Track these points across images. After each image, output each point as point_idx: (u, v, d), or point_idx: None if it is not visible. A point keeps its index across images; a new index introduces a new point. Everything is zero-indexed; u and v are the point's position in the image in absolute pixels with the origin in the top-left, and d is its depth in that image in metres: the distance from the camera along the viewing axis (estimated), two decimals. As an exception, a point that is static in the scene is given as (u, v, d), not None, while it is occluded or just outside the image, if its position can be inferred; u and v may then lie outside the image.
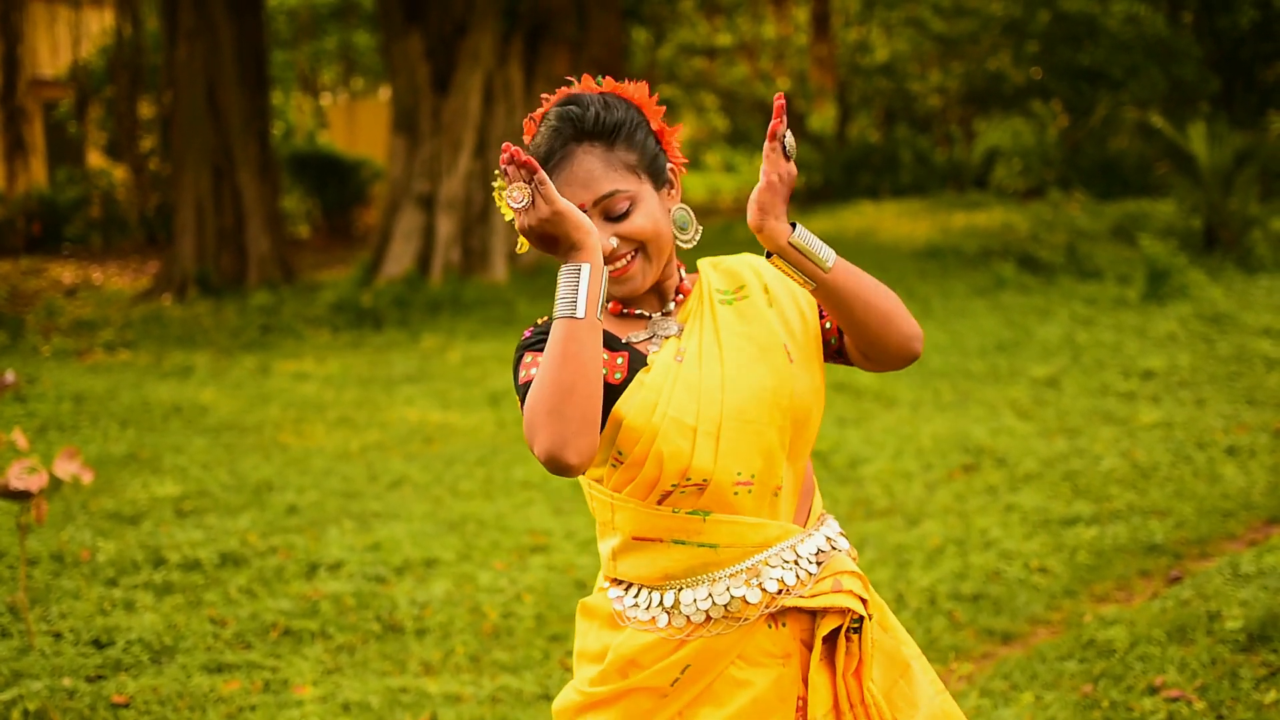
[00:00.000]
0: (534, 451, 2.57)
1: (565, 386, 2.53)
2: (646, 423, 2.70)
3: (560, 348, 2.55)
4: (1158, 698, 5.35)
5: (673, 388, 2.73)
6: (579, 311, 2.56)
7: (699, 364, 2.77)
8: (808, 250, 2.73)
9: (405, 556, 7.71)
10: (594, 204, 2.75)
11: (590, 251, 2.60)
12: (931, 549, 7.76)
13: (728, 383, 2.75)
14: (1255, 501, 8.24)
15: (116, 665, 6.15)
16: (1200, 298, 14.84)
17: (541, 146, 2.79)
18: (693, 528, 2.75)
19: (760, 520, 2.77)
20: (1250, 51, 25.03)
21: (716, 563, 2.76)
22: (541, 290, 18.64)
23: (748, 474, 2.74)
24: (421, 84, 20.22)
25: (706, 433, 2.70)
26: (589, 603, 2.97)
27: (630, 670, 2.81)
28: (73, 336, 16.57)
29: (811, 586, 2.79)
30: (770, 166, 2.71)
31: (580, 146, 2.76)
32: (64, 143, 28.28)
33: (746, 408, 2.74)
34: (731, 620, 2.76)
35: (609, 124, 2.78)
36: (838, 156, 31.10)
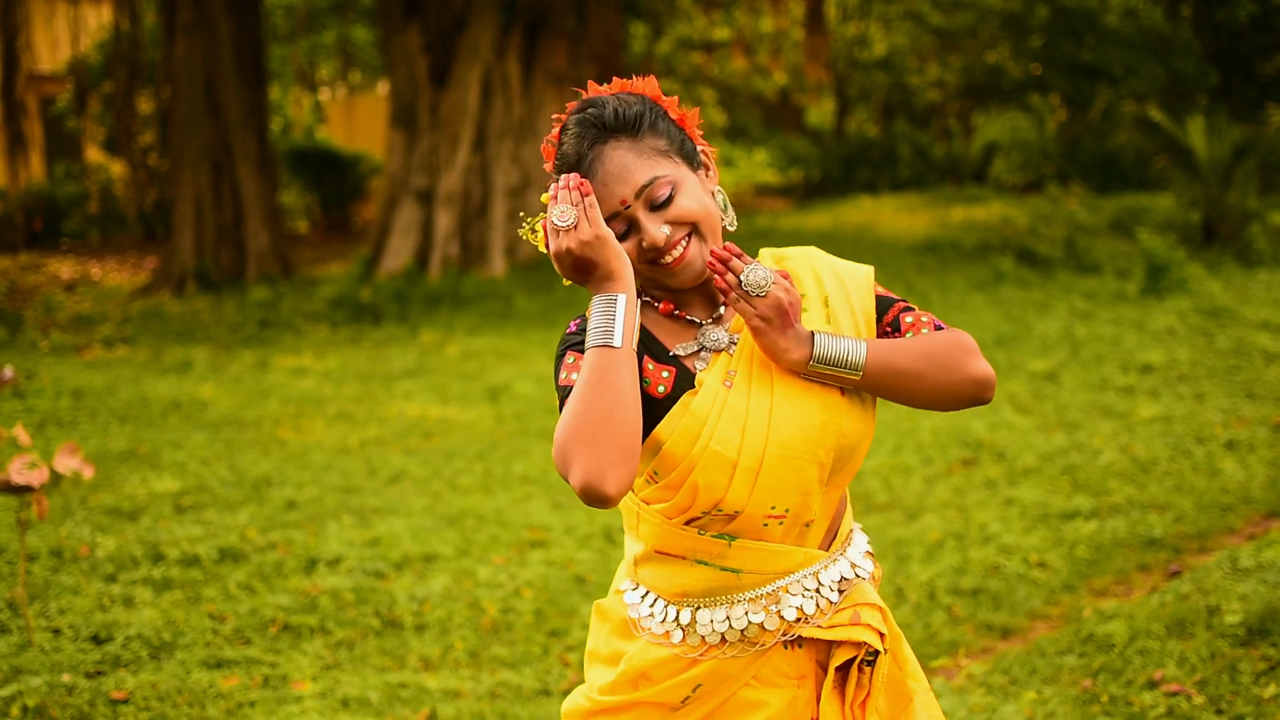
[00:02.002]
0: (568, 480, 2.50)
1: (602, 416, 2.49)
2: (686, 453, 2.63)
3: (596, 376, 2.51)
4: (1157, 692, 5.35)
5: (718, 417, 2.65)
6: (615, 341, 2.52)
7: (748, 392, 2.68)
8: (832, 371, 2.67)
9: (404, 552, 7.71)
10: (636, 196, 2.67)
11: (626, 282, 2.57)
12: (931, 543, 7.76)
13: (775, 417, 2.67)
14: (1254, 495, 8.23)
15: (116, 661, 6.15)
16: (1199, 292, 14.84)
17: (569, 155, 2.72)
18: (717, 550, 2.70)
19: (786, 548, 2.72)
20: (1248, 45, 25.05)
21: (737, 586, 2.72)
22: (540, 285, 18.63)
23: (782, 509, 2.68)
24: (420, 78, 20.22)
25: (747, 468, 2.63)
26: (605, 605, 2.94)
27: (641, 683, 2.78)
28: (71, 332, 16.56)
29: (830, 616, 2.75)
30: (745, 315, 2.66)
31: (608, 144, 2.69)
32: (62, 138, 28.27)
33: (792, 444, 2.66)
34: (747, 644, 2.73)
35: (630, 116, 2.72)
36: (836, 151, 31.11)
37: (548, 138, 2.82)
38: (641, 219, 2.67)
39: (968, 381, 2.76)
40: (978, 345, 2.80)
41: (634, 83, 2.84)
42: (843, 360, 2.66)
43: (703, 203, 2.72)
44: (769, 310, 2.63)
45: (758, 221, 24.68)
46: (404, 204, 20.10)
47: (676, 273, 2.71)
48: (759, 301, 2.62)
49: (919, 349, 2.73)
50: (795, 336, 2.66)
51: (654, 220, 2.68)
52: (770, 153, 31.83)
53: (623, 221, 2.69)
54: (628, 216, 2.68)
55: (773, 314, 2.63)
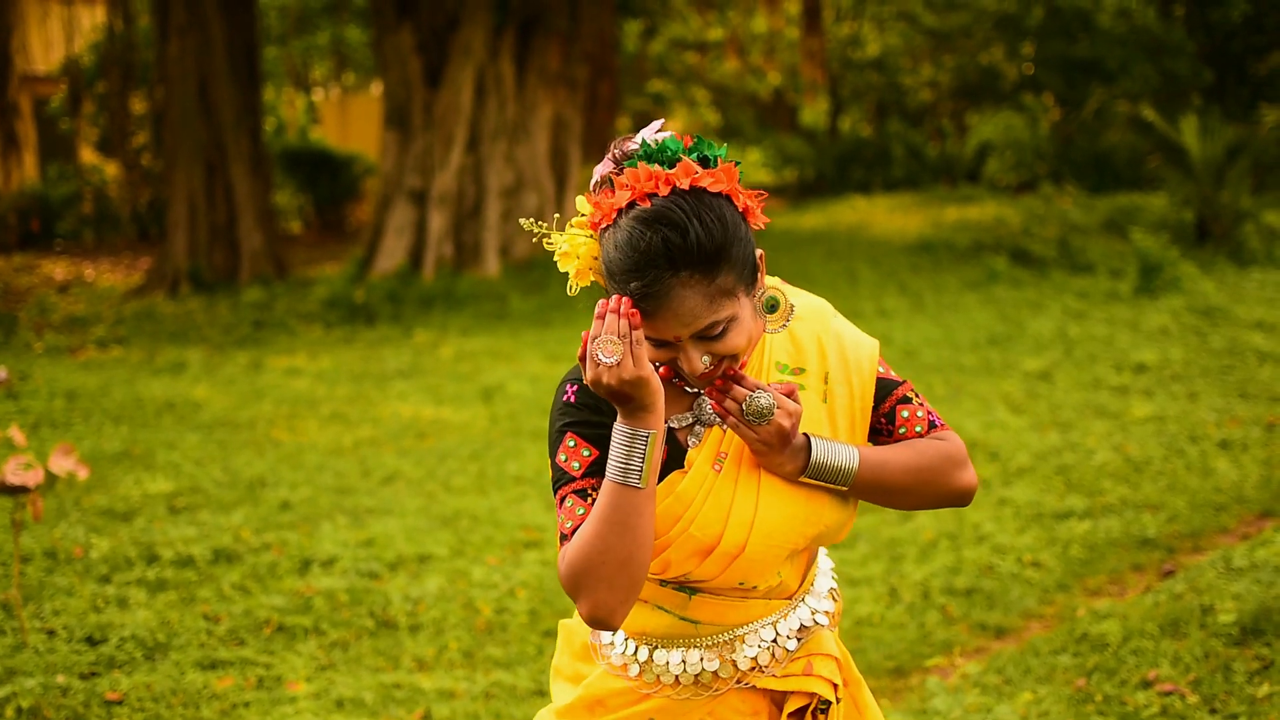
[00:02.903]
0: (575, 602, 2.52)
1: (620, 559, 2.48)
2: (665, 532, 2.61)
3: (619, 518, 2.48)
4: (1151, 691, 5.35)
5: (703, 503, 2.62)
6: (640, 483, 2.48)
7: (735, 478, 2.64)
8: (822, 481, 2.65)
9: (398, 552, 7.71)
10: (692, 336, 2.53)
11: (657, 418, 2.48)
12: (925, 543, 7.77)
13: (761, 507, 2.63)
14: (1248, 495, 8.25)
15: (110, 662, 6.15)
16: (1192, 291, 14.86)
17: (629, 271, 2.48)
18: (677, 602, 2.71)
19: (746, 602, 2.72)
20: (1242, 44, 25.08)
21: (694, 635, 2.74)
22: (534, 285, 18.63)
23: (750, 584, 2.68)
24: (413, 78, 20.20)
25: (724, 553, 2.62)
26: (569, 625, 2.97)
27: (598, 709, 2.80)
28: (65, 333, 16.55)
29: (785, 665, 2.75)
30: (745, 439, 2.62)
31: (679, 278, 2.46)
32: (56, 139, 28.25)
33: (774, 533, 2.64)
34: (701, 688, 2.75)
35: (711, 251, 2.47)
36: (829, 151, 31.10)
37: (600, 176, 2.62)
38: (688, 347, 2.55)
39: (951, 495, 2.78)
40: (967, 453, 2.80)
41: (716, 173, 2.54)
42: (835, 474, 2.65)
43: (749, 337, 2.59)
44: (771, 437, 2.59)
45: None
46: (398, 204, 20.09)
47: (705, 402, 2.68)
48: (761, 429, 2.59)
49: (910, 465, 2.72)
50: (792, 451, 2.63)
51: (699, 349, 2.56)
52: (764, 152, 31.81)
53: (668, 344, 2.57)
54: (676, 343, 2.56)
55: (774, 439, 2.60)
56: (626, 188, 2.52)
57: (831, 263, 19.20)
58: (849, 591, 7.08)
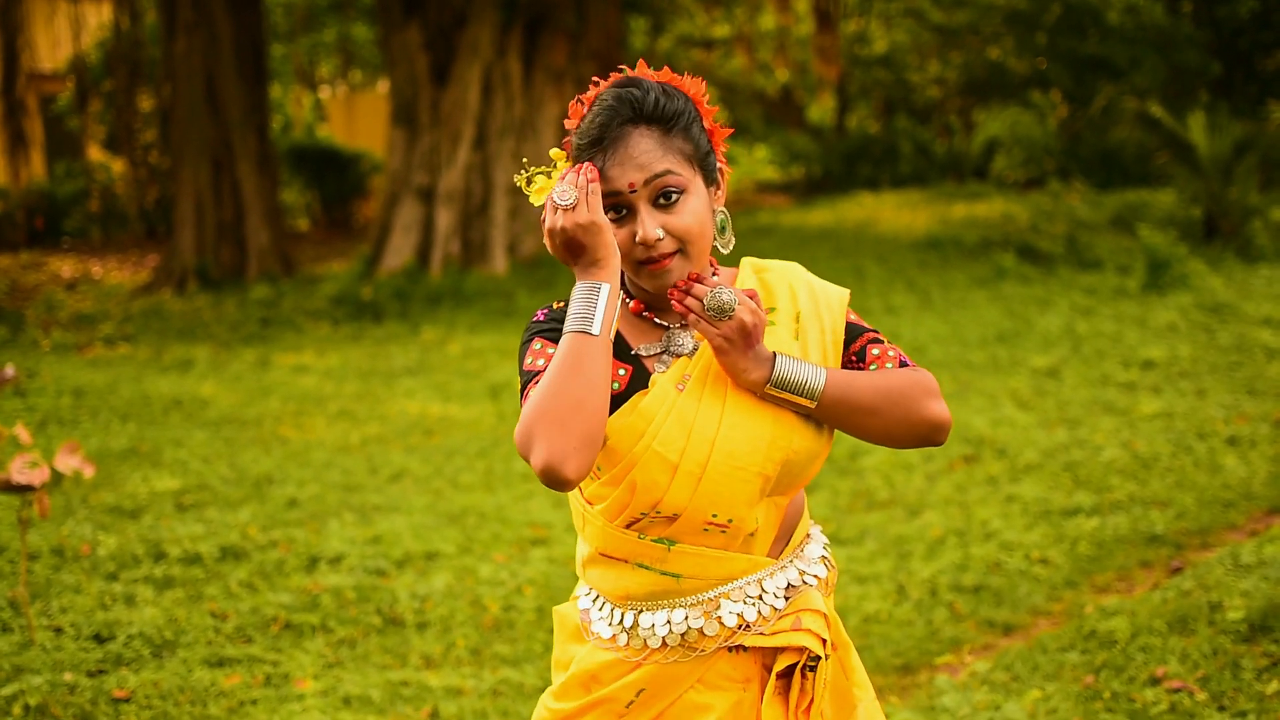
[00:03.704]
0: (529, 459, 2.52)
1: (573, 401, 2.50)
2: (628, 449, 2.63)
3: (573, 360, 2.51)
4: (1160, 688, 5.35)
5: (665, 418, 2.65)
6: (594, 329, 2.52)
7: (699, 398, 2.67)
8: (787, 395, 2.67)
9: (406, 549, 7.71)
10: (645, 183, 2.64)
11: (612, 272, 2.57)
12: (932, 540, 7.77)
13: (724, 426, 2.65)
14: (1256, 492, 8.23)
15: (117, 660, 6.15)
16: (1200, 287, 14.84)
17: (594, 126, 2.67)
18: (656, 555, 2.70)
19: (728, 554, 2.71)
20: (1249, 41, 25.04)
21: (678, 591, 2.72)
22: (541, 282, 18.64)
23: (724, 517, 2.66)
24: (420, 76, 20.20)
25: (688, 472, 2.62)
26: (561, 610, 2.96)
27: (592, 685, 2.79)
28: (72, 330, 16.56)
29: (773, 623, 2.74)
30: (708, 336, 2.66)
31: (637, 128, 2.66)
32: (63, 136, 28.25)
33: (737, 454, 2.65)
34: (688, 649, 2.73)
35: (669, 111, 2.68)
36: (837, 147, 31.07)
37: (578, 97, 2.77)
38: (642, 210, 2.65)
39: (922, 423, 2.75)
40: (938, 387, 2.80)
41: (684, 80, 2.78)
42: (800, 386, 2.66)
43: (701, 223, 2.69)
44: (732, 332, 2.63)
45: (759, 218, 24.68)
46: (405, 202, 20.09)
47: (655, 276, 2.69)
48: (723, 324, 2.63)
49: (879, 385, 2.73)
50: (756, 357, 2.66)
51: (653, 217, 2.65)
52: (771, 149, 31.80)
53: (624, 203, 2.67)
54: (629, 202, 2.66)
55: (736, 336, 2.63)
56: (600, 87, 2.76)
57: (839, 260, 19.19)
58: (856, 589, 7.07)
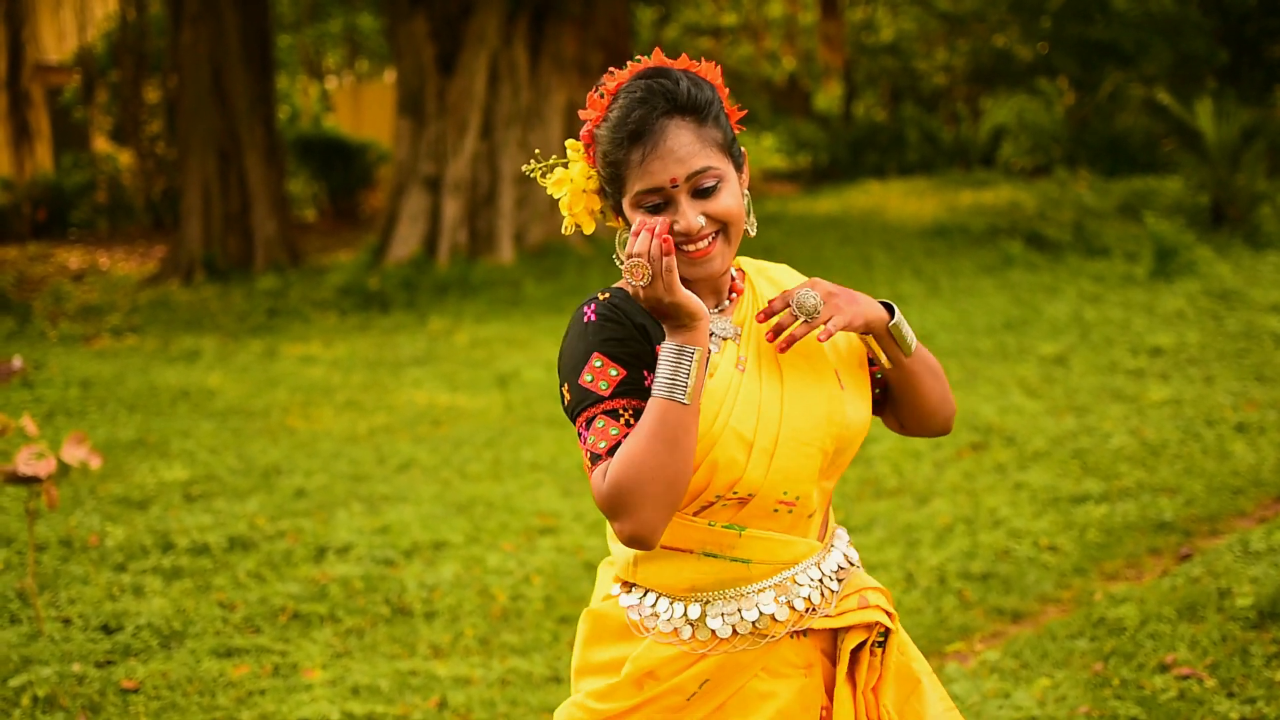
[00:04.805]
0: (611, 520, 2.56)
1: (670, 476, 2.52)
2: (707, 430, 2.63)
3: (665, 433, 2.52)
4: (1169, 675, 5.34)
5: (735, 398, 2.66)
6: (685, 398, 2.53)
7: (759, 377, 2.71)
8: (901, 337, 2.78)
9: (414, 539, 7.71)
10: (686, 179, 2.65)
11: (701, 334, 2.56)
12: (941, 528, 7.76)
13: (786, 402, 2.70)
14: (1265, 478, 8.22)
15: (126, 650, 6.15)
16: (1208, 274, 14.81)
17: (630, 119, 2.66)
18: (727, 542, 2.70)
19: (791, 538, 2.74)
20: (1257, 27, 24.96)
21: (747, 578, 2.72)
22: (548, 271, 18.62)
23: (792, 495, 2.69)
24: (427, 66, 20.18)
25: (762, 449, 2.65)
26: (599, 611, 2.89)
27: (647, 683, 2.75)
28: (80, 322, 16.57)
29: (836, 604, 2.77)
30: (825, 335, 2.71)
31: (672, 120, 2.66)
32: (69, 128, 28.26)
33: (802, 430, 2.69)
34: (757, 636, 2.72)
35: (700, 101, 2.69)
36: (844, 135, 31.03)
37: (598, 87, 2.77)
38: (682, 202, 2.66)
39: (949, 404, 2.95)
40: None
41: (701, 65, 2.78)
42: (905, 334, 2.79)
43: (739, 204, 2.72)
44: (832, 309, 2.71)
45: (767, 206, 24.65)
46: (412, 191, 20.09)
47: (696, 263, 2.70)
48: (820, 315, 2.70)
49: (933, 363, 2.92)
50: (868, 302, 2.76)
51: (693, 207, 2.66)
52: (778, 138, 31.74)
53: (663, 197, 2.67)
54: (669, 195, 2.67)
55: (840, 306, 2.72)
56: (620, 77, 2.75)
57: (846, 247, 19.17)
58: (865, 577, 7.06)
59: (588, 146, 2.79)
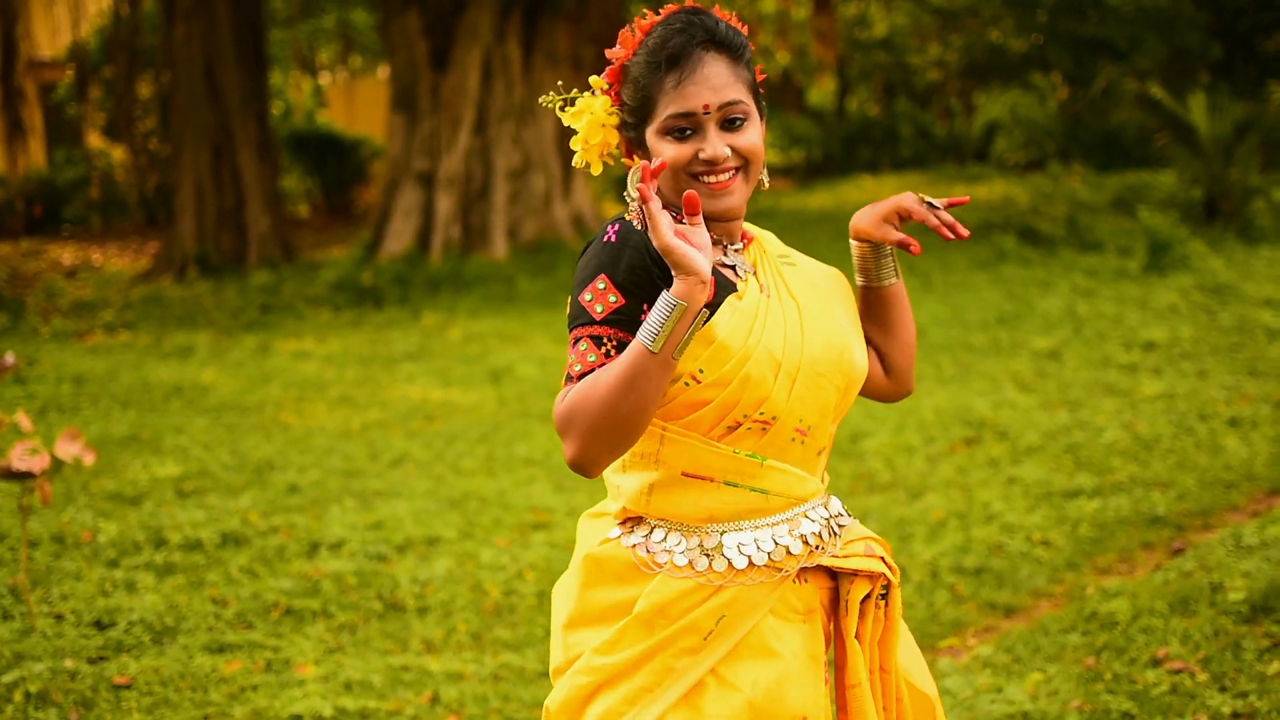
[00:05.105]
0: (562, 439, 2.59)
1: (621, 417, 2.53)
2: (742, 344, 2.66)
3: (630, 376, 2.51)
4: (1161, 669, 5.35)
5: (765, 318, 2.72)
6: (654, 347, 2.50)
7: (782, 305, 2.78)
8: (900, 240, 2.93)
9: (407, 535, 7.71)
10: (719, 108, 2.72)
11: (691, 290, 2.49)
12: (933, 522, 7.76)
13: (806, 331, 2.76)
14: (1257, 473, 8.23)
15: (118, 646, 6.15)
16: (1201, 269, 14.82)
17: (674, 44, 2.73)
18: (749, 470, 2.72)
19: (805, 474, 2.79)
20: (1250, 22, 24.97)
21: (764, 509, 2.74)
22: (541, 267, 18.62)
23: (808, 424, 2.75)
24: (420, 61, 20.17)
25: (787, 372, 2.70)
26: (598, 554, 2.83)
27: (658, 622, 2.71)
28: (73, 318, 16.56)
29: (842, 547, 2.83)
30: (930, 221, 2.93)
31: (709, 52, 2.74)
32: (62, 124, 28.24)
33: (820, 358, 2.75)
34: (772, 570, 2.73)
35: (737, 40, 2.78)
36: (837, 130, 31.08)
37: (632, 25, 2.85)
38: (711, 130, 2.72)
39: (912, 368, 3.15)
40: None
41: (733, 17, 2.86)
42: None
43: (761, 144, 2.81)
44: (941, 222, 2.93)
45: (760, 201, 24.63)
46: (405, 187, 20.08)
47: (716, 195, 2.76)
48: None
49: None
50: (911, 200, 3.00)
51: (721, 138, 2.73)
52: (771, 133, 31.75)
53: (692, 124, 2.73)
54: (699, 123, 2.73)
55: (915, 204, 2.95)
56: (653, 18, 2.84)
57: (839, 243, 19.03)
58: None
59: (612, 85, 2.85)
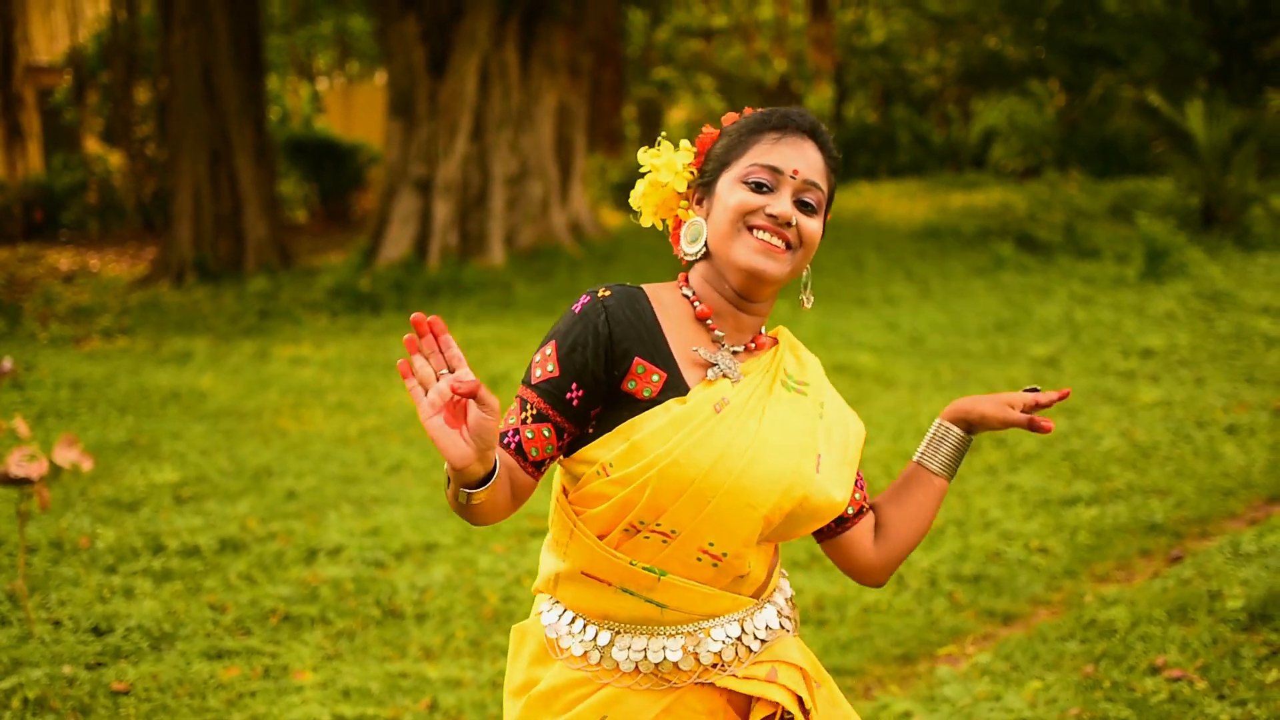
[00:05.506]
0: None
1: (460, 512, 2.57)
2: (654, 450, 2.58)
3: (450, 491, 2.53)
4: (1159, 677, 5.34)
5: (694, 434, 2.59)
6: (448, 492, 2.53)
7: (734, 425, 2.64)
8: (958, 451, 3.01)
9: (405, 541, 7.70)
10: (805, 180, 2.72)
11: (459, 467, 2.42)
12: (931, 530, 7.75)
13: (751, 459, 2.61)
14: (1255, 480, 8.23)
15: (116, 653, 6.14)
16: (1199, 276, 14.83)
17: (778, 113, 2.79)
18: (645, 583, 2.65)
19: (714, 591, 2.67)
20: (1247, 29, 24.99)
21: (660, 621, 2.68)
22: (539, 273, 18.63)
23: (720, 549, 2.63)
24: (417, 67, 20.17)
25: (700, 492, 2.57)
26: (522, 628, 2.87)
27: (553, 704, 2.72)
28: (70, 323, 16.55)
29: (747, 665, 2.71)
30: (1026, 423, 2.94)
31: (812, 140, 2.78)
32: (60, 129, 28.25)
33: (752, 489, 2.60)
34: (660, 679, 2.68)
35: (834, 152, 2.84)
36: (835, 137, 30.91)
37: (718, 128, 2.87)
38: (786, 194, 2.71)
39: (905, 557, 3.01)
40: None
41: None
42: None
43: (817, 240, 2.78)
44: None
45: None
46: (402, 193, 20.08)
47: (762, 254, 2.68)
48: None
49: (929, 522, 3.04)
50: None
51: (792, 209, 2.71)
52: (769, 140, 31.78)
53: (774, 181, 2.71)
54: (780, 182, 2.71)
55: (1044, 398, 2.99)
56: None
57: (838, 250, 19.17)
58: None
59: (700, 150, 2.85)
